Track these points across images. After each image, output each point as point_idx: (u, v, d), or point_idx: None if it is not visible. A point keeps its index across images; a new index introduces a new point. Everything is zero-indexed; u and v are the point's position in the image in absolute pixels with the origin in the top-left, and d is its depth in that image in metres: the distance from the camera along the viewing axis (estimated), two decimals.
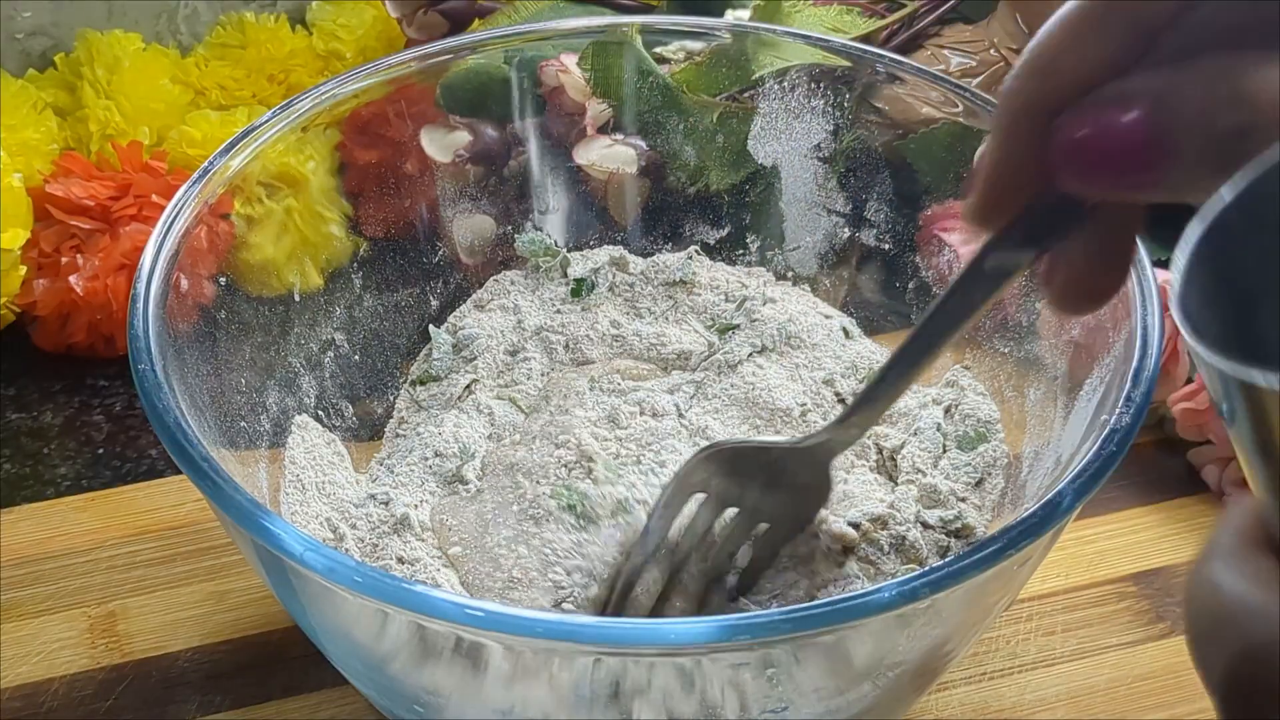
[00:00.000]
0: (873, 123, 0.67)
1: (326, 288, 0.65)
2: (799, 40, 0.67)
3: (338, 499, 0.59)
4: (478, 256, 0.69)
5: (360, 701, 0.57)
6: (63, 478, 0.69)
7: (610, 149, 0.69)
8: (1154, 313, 0.52)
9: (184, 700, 0.58)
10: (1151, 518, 0.66)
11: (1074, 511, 0.46)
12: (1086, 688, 0.59)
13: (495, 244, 0.70)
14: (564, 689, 0.45)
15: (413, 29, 0.82)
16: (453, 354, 0.65)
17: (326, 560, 0.43)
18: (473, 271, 0.69)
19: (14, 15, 0.84)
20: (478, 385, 0.63)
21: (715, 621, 0.42)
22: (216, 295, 0.58)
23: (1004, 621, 0.61)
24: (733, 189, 0.70)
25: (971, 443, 0.59)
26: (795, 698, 0.46)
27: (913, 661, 0.49)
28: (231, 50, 0.86)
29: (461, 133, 0.68)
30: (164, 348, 0.51)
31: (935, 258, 0.66)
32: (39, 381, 0.74)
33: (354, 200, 0.67)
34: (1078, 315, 0.42)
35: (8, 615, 0.61)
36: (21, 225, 0.73)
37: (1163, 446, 0.69)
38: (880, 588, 0.42)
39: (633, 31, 0.68)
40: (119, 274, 0.72)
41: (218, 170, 0.58)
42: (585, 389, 0.61)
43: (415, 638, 0.45)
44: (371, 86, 0.64)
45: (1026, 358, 0.61)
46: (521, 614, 0.43)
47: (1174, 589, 0.63)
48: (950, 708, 0.58)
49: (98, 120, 0.80)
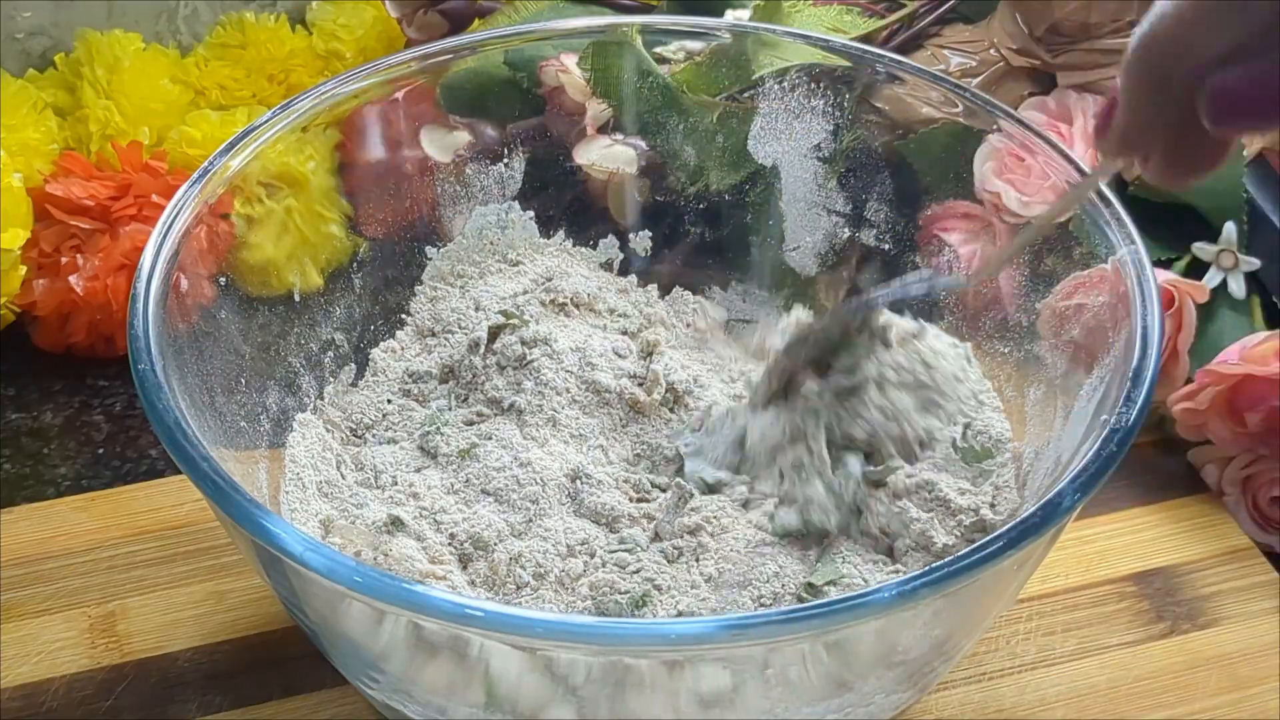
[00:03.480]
0: (873, 123, 0.67)
1: (326, 288, 0.65)
2: (799, 40, 0.67)
3: (338, 499, 0.59)
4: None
5: (360, 701, 0.57)
6: (63, 478, 0.69)
7: (610, 149, 0.69)
8: (1154, 313, 0.52)
9: (184, 700, 0.58)
10: (1151, 518, 0.66)
11: (1074, 511, 0.46)
12: (1086, 688, 0.59)
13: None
14: (566, 688, 0.45)
15: (413, 29, 0.82)
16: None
17: (326, 560, 0.43)
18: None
19: (14, 15, 0.84)
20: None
21: (715, 621, 0.42)
22: (216, 295, 0.58)
23: (1004, 621, 0.61)
24: (733, 189, 0.70)
25: (976, 457, 0.59)
26: (796, 697, 0.46)
27: (913, 661, 0.49)
28: (231, 50, 0.86)
29: (461, 133, 0.68)
30: (164, 348, 0.51)
31: (935, 258, 0.66)
32: (39, 381, 0.74)
33: (354, 200, 0.67)
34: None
35: (8, 615, 0.61)
36: (21, 225, 0.73)
37: (1163, 446, 0.69)
38: (880, 588, 0.42)
39: (633, 31, 0.68)
40: (119, 274, 0.72)
41: (218, 170, 0.58)
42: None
43: (413, 637, 0.45)
44: (371, 86, 0.64)
45: (1026, 358, 0.61)
46: (521, 614, 0.44)
47: (1174, 589, 0.63)
48: (950, 708, 0.58)
49: (98, 120, 0.80)
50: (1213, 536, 0.65)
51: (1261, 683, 0.59)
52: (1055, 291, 0.60)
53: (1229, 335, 0.67)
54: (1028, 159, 0.61)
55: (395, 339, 0.66)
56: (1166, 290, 0.64)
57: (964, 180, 0.64)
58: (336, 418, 0.63)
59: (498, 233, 0.69)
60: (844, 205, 0.68)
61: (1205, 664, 0.60)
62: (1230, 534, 0.65)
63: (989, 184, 0.64)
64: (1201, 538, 0.65)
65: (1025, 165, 0.62)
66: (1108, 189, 0.57)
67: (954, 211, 0.66)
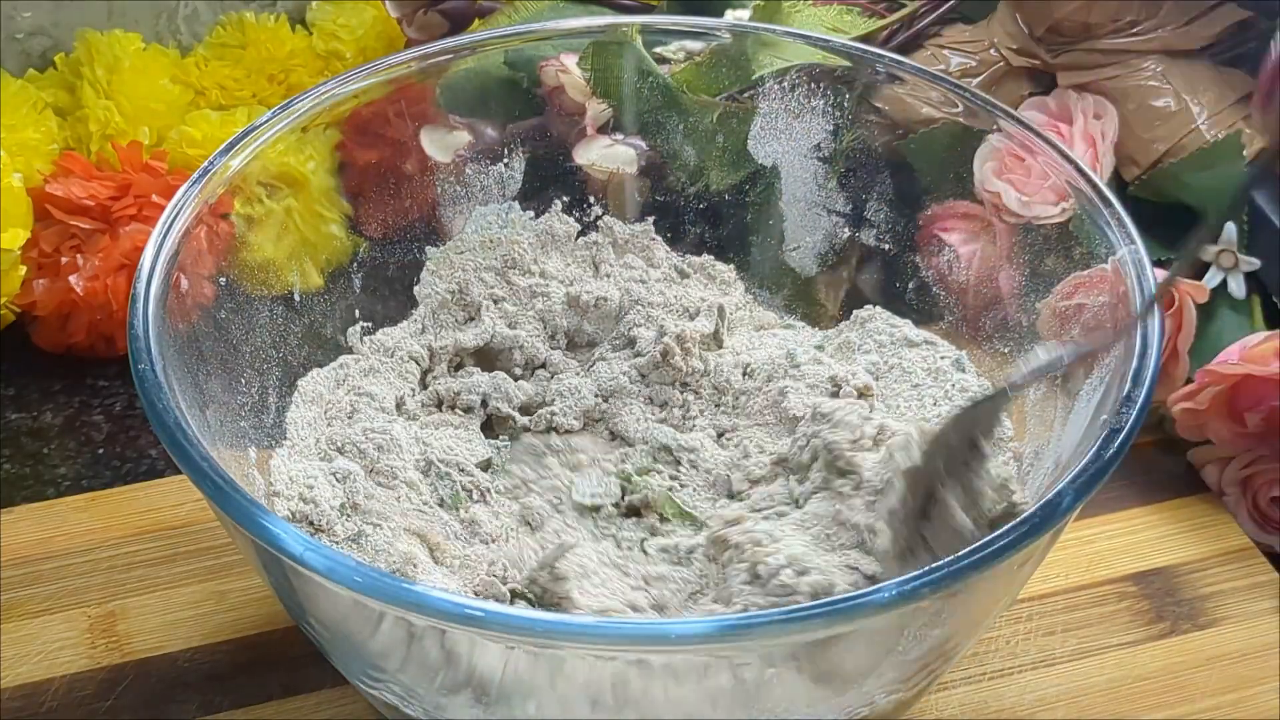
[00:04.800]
0: (873, 123, 0.67)
1: (326, 288, 0.65)
2: (799, 40, 0.67)
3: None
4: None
5: (360, 701, 0.57)
6: (63, 478, 0.69)
7: (610, 149, 0.69)
8: (1154, 313, 0.52)
9: (184, 700, 0.58)
10: (1151, 518, 0.66)
11: (1074, 512, 0.46)
12: (1086, 688, 0.59)
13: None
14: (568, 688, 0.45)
15: (413, 29, 0.82)
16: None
17: (326, 560, 0.43)
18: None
19: (14, 15, 0.84)
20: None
21: (715, 621, 0.42)
22: (216, 295, 0.58)
23: (1004, 621, 0.61)
24: (733, 189, 0.70)
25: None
26: (796, 697, 0.46)
27: (913, 661, 0.49)
28: (231, 50, 0.86)
29: (461, 133, 0.68)
30: (164, 348, 0.51)
31: (935, 258, 0.66)
32: (39, 381, 0.74)
33: (354, 200, 0.67)
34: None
35: (8, 615, 0.61)
36: (21, 225, 0.73)
37: (1163, 446, 0.69)
38: (880, 588, 0.42)
39: (633, 31, 0.68)
40: (119, 274, 0.72)
41: (218, 170, 0.58)
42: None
43: (412, 636, 0.45)
44: (371, 86, 0.64)
45: (1027, 358, 0.61)
46: (521, 614, 0.44)
47: (1174, 589, 0.63)
48: (950, 708, 0.58)
49: (98, 120, 0.80)
50: (1213, 536, 0.65)
51: (1261, 683, 0.59)
52: (1055, 291, 0.60)
53: (1229, 335, 0.67)
54: (1028, 159, 0.61)
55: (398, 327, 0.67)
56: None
57: (964, 180, 0.64)
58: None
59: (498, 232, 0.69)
60: (844, 205, 0.68)
61: (1205, 664, 0.60)
62: (1230, 534, 0.65)
63: (989, 184, 0.64)
64: (1201, 538, 0.65)
65: (1025, 165, 0.62)
66: (1108, 189, 0.57)
67: (954, 211, 0.66)
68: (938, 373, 0.62)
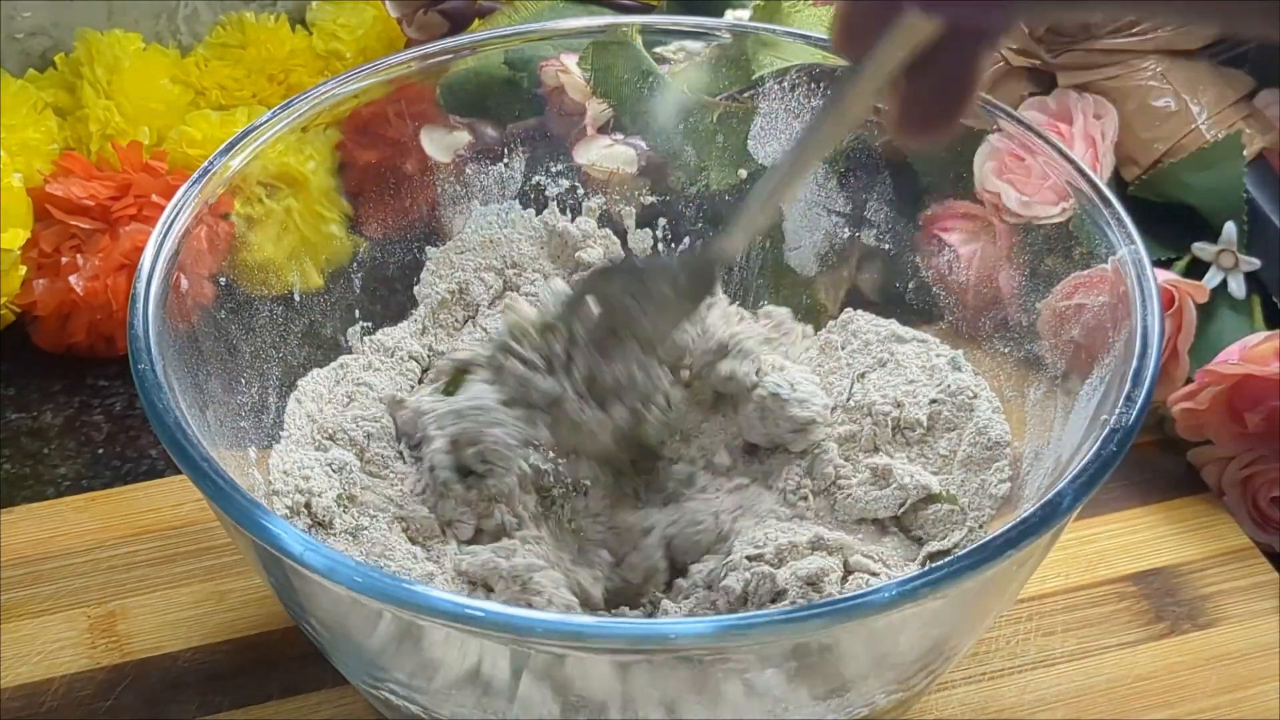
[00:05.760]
0: (873, 123, 0.66)
1: (326, 288, 0.65)
2: (799, 40, 0.67)
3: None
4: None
5: (360, 701, 0.57)
6: (63, 478, 0.69)
7: (610, 149, 0.69)
8: (1154, 313, 0.52)
9: (184, 700, 0.58)
10: (1151, 518, 0.66)
11: (1074, 511, 0.46)
12: (1086, 688, 0.59)
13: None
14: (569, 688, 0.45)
15: (413, 29, 0.82)
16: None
17: (327, 560, 0.43)
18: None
19: (14, 15, 0.84)
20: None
21: (715, 621, 0.42)
22: (216, 295, 0.58)
23: (1004, 621, 0.61)
24: (733, 189, 0.70)
25: (978, 466, 0.59)
26: (796, 697, 0.46)
27: (913, 661, 0.49)
28: (231, 50, 0.86)
29: (461, 133, 0.68)
30: (164, 348, 0.51)
31: (935, 258, 0.66)
32: (39, 381, 0.74)
33: (354, 200, 0.67)
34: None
35: (8, 615, 0.61)
36: (21, 225, 0.73)
37: (1163, 446, 0.69)
38: (880, 588, 0.42)
39: (633, 31, 0.68)
40: (119, 274, 0.72)
41: (218, 170, 0.58)
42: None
43: (412, 636, 0.45)
44: (371, 86, 0.64)
45: (1026, 358, 0.61)
46: (521, 614, 0.43)
47: (1174, 589, 0.63)
48: (950, 708, 0.58)
49: (98, 120, 0.80)
50: (1213, 536, 0.65)
51: (1261, 683, 0.59)
52: (1055, 291, 0.60)
53: (1229, 335, 0.67)
54: (1028, 159, 0.61)
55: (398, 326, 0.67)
56: (1166, 290, 0.64)
57: (964, 180, 0.64)
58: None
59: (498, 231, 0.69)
60: (844, 205, 0.68)
61: (1205, 664, 0.60)
62: (1230, 534, 0.65)
63: (989, 184, 0.64)
64: (1201, 538, 0.65)
65: (1025, 165, 0.62)
66: (1108, 189, 0.57)
67: (954, 211, 0.66)
68: (933, 370, 0.62)
